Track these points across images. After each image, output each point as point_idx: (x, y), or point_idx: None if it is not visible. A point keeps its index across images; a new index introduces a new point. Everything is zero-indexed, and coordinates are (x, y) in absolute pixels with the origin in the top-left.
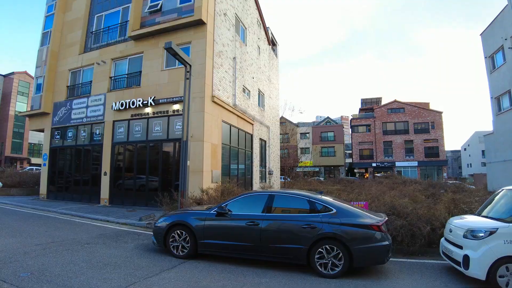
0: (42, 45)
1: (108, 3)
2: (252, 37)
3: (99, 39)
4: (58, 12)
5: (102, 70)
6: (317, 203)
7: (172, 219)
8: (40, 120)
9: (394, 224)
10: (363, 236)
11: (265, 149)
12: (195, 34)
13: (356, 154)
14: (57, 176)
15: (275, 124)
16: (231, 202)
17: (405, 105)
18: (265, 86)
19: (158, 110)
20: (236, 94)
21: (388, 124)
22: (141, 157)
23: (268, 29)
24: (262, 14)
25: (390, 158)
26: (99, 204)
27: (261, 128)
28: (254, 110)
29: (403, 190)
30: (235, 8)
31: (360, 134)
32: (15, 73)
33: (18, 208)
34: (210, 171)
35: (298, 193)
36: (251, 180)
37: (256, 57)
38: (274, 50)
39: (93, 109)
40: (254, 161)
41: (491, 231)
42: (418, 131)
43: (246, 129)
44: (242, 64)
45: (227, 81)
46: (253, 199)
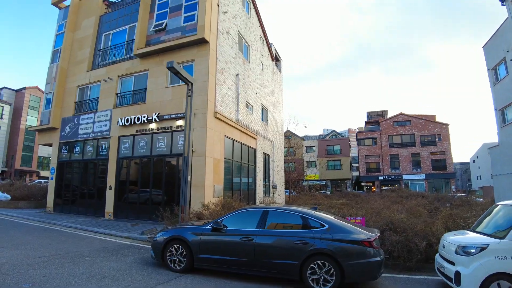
0: (52, 62)
1: (116, 22)
2: (255, 54)
3: (107, 56)
4: (67, 31)
5: (109, 86)
6: (310, 219)
7: (169, 234)
8: (49, 134)
9: (390, 240)
10: (355, 251)
11: (268, 163)
12: (198, 52)
13: (362, 168)
14: (63, 190)
15: (279, 138)
16: (226, 218)
17: (411, 118)
18: (268, 101)
19: (162, 125)
20: (239, 110)
21: (394, 137)
22: (145, 171)
23: (271, 46)
24: (265, 31)
25: (397, 171)
26: (104, 218)
27: (264, 143)
28: (257, 124)
29: (407, 204)
30: (238, 26)
31: (366, 147)
32: (27, 88)
33: (25, 221)
34: (212, 185)
35: (291, 209)
36: (254, 194)
37: (259, 73)
38: (278, 65)
39: (100, 124)
40: (257, 175)
41: (482, 247)
42: (424, 144)
43: (249, 144)
44: (245, 80)
45: (230, 97)
46: (248, 215)
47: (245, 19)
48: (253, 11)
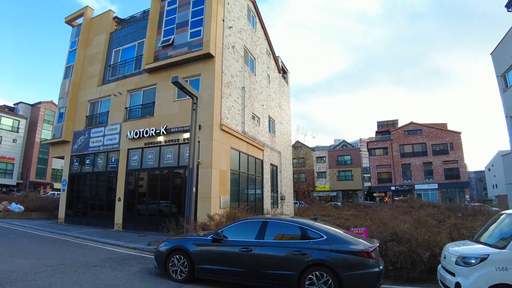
0: (65, 78)
1: (125, 38)
2: (262, 67)
3: (117, 72)
4: (80, 48)
5: (119, 101)
6: (308, 230)
7: (171, 244)
8: (61, 147)
9: (393, 251)
10: (353, 262)
11: (276, 174)
12: (204, 67)
13: (374, 178)
14: (74, 201)
15: (287, 150)
16: (227, 228)
17: (422, 127)
18: (275, 112)
19: (169, 138)
20: (245, 122)
21: (405, 146)
22: (153, 183)
23: (278, 58)
24: (271, 44)
25: (409, 181)
26: (112, 229)
27: (272, 154)
28: (264, 136)
29: (416, 215)
30: (244, 40)
31: (377, 157)
32: (42, 103)
33: (36, 232)
34: (218, 197)
35: (290, 219)
36: (262, 205)
37: (266, 85)
38: (285, 77)
39: (110, 137)
40: (264, 186)
41: (482, 258)
42: (436, 153)
43: (256, 155)
44: (251, 92)
45: (236, 109)
46: (248, 226)
47: (250, 33)
48: (259, 25)
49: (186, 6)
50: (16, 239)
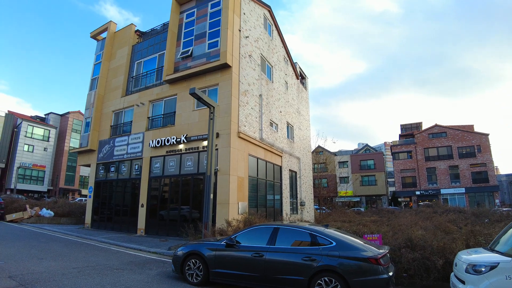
0: (90, 90)
1: (146, 51)
2: (279, 74)
3: (139, 83)
4: (104, 61)
5: (141, 111)
6: (318, 236)
7: (188, 249)
8: (88, 156)
9: (406, 257)
10: (361, 269)
11: (296, 180)
12: (222, 77)
13: (398, 182)
14: (100, 207)
15: (306, 155)
16: (240, 234)
17: (447, 129)
18: (294, 118)
19: (189, 146)
20: (262, 129)
21: (430, 149)
22: (174, 190)
23: (296, 64)
24: (288, 51)
25: (434, 186)
26: (136, 234)
27: (290, 160)
28: (282, 142)
29: (437, 220)
30: (260, 49)
31: (401, 161)
32: (70, 113)
33: (65, 236)
34: (236, 203)
35: (300, 226)
36: (280, 211)
37: (283, 92)
38: (303, 83)
39: (133, 146)
40: (283, 192)
41: (492, 266)
42: (463, 156)
43: (274, 161)
44: (268, 100)
45: (253, 117)
46: (260, 232)
47: (267, 41)
48: (276, 33)
49: (203, 18)
50: (46, 243)
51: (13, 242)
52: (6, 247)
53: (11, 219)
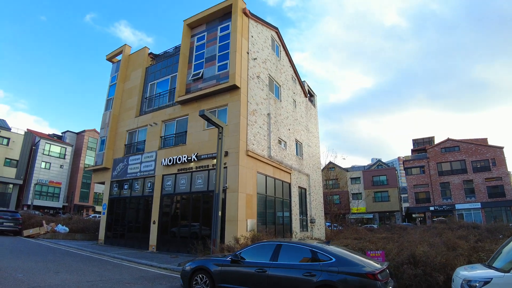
0: (106, 110)
1: (159, 73)
2: (287, 93)
3: (152, 103)
4: (119, 82)
5: (154, 130)
6: (318, 253)
7: (195, 264)
8: (102, 174)
9: (408, 273)
10: (359, 283)
11: (305, 197)
12: (231, 97)
13: (412, 198)
14: (113, 224)
15: (316, 172)
16: (244, 250)
17: (459, 143)
18: (302, 136)
19: (200, 164)
20: (271, 147)
21: (443, 164)
22: (185, 207)
23: (304, 83)
24: (296, 70)
25: (448, 201)
26: (147, 250)
27: (300, 177)
28: (291, 159)
29: (447, 236)
30: (268, 70)
31: (414, 177)
32: (86, 131)
33: (79, 251)
34: (245, 220)
35: (302, 243)
36: (290, 228)
37: (292, 110)
38: (312, 100)
39: (146, 164)
40: (293, 209)
41: (485, 281)
42: (477, 170)
43: (283, 178)
44: (277, 118)
45: (261, 135)
46: (263, 248)
47: (275, 62)
48: (283, 53)
49: (213, 41)
50: (61, 257)
51: (31, 257)
52: (25, 261)
53: (28, 235)
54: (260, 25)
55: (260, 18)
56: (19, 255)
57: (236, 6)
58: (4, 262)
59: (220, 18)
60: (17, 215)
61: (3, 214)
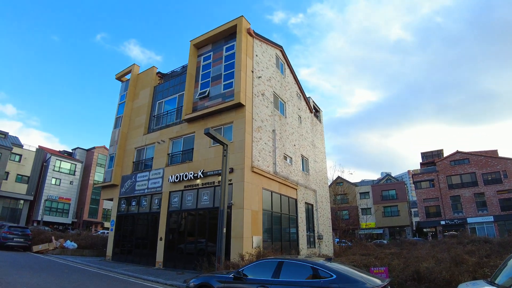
0: (115, 128)
1: (167, 91)
2: (292, 109)
3: (160, 121)
4: (128, 101)
5: (162, 148)
6: (319, 270)
7: (199, 281)
8: (111, 190)
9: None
10: None
11: (312, 213)
12: (236, 115)
13: (422, 212)
14: (121, 240)
15: (323, 187)
16: (247, 267)
17: (469, 156)
18: (308, 151)
19: (206, 181)
20: (276, 163)
21: (453, 177)
22: (191, 223)
23: (309, 99)
24: (301, 87)
25: (460, 215)
26: (154, 267)
27: (306, 192)
28: (297, 175)
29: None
30: (273, 87)
31: (423, 190)
32: (96, 148)
33: (87, 267)
34: (250, 237)
35: (303, 259)
36: (297, 245)
37: (297, 126)
38: (318, 116)
39: (153, 181)
40: (299, 225)
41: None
42: (488, 182)
43: (289, 194)
44: (282, 134)
45: (266, 151)
46: (265, 265)
47: (280, 79)
48: (288, 71)
49: (219, 61)
50: (69, 274)
51: (39, 272)
52: (34, 277)
53: (37, 250)
54: (264, 44)
55: (265, 37)
56: (27, 271)
57: (241, 27)
58: (12, 277)
59: (226, 38)
60: (27, 230)
61: (14, 230)
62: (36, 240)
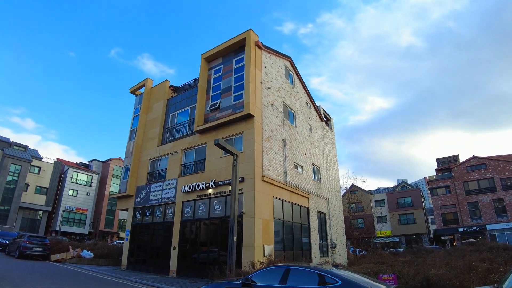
0: (130, 140)
1: (180, 104)
2: (302, 118)
3: (173, 133)
4: (142, 114)
5: (175, 159)
6: (325, 276)
7: (209, 287)
8: (126, 201)
9: None
10: None
11: (325, 222)
12: (246, 126)
13: (439, 220)
14: (136, 249)
15: (335, 196)
16: (255, 274)
17: (486, 161)
18: (320, 159)
19: (217, 191)
20: (287, 171)
21: (470, 183)
22: (204, 232)
23: (319, 108)
24: (311, 96)
25: (478, 221)
26: (168, 275)
27: (318, 201)
28: (308, 184)
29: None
30: (282, 97)
31: (440, 197)
32: (111, 160)
33: (103, 276)
34: (262, 245)
35: (310, 266)
36: (309, 254)
37: (307, 134)
38: (329, 124)
39: (167, 191)
40: (312, 234)
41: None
42: (507, 188)
43: (301, 203)
44: (292, 143)
45: (277, 161)
46: (273, 272)
47: (289, 89)
48: (297, 81)
49: (229, 74)
50: (85, 282)
51: (57, 280)
52: (52, 284)
53: (55, 259)
54: (273, 55)
55: (273, 49)
56: (47, 278)
57: (249, 40)
58: (32, 283)
59: (235, 51)
60: (46, 240)
61: (33, 239)
62: (54, 249)
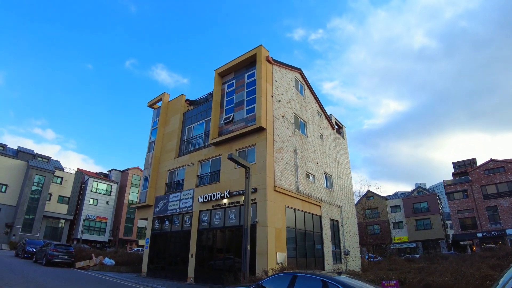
0: (148, 152)
1: (195, 117)
2: (313, 128)
3: (189, 145)
4: (159, 127)
5: (191, 170)
6: (329, 283)
7: None
8: (145, 210)
9: None
10: None
11: (338, 229)
12: (258, 138)
13: (456, 225)
14: (155, 257)
15: (348, 203)
16: (266, 280)
17: (504, 164)
18: (332, 168)
19: (232, 201)
20: (298, 181)
21: (488, 187)
22: (220, 241)
23: (330, 116)
24: (322, 105)
25: (498, 226)
26: (186, 282)
27: (331, 209)
28: (321, 192)
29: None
30: (293, 109)
31: (457, 202)
32: (130, 169)
33: (125, 282)
34: (275, 253)
35: (315, 273)
36: (322, 261)
37: (319, 143)
38: (341, 132)
39: (184, 201)
40: (324, 242)
41: None
42: None
43: (313, 211)
44: (303, 153)
45: (288, 170)
46: (282, 278)
47: (300, 100)
48: (308, 92)
49: (241, 88)
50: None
51: (85, 285)
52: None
53: (79, 266)
54: (283, 69)
55: (283, 63)
56: (74, 284)
57: (260, 55)
58: None
59: (247, 66)
60: (70, 248)
61: (59, 248)
62: (78, 257)
